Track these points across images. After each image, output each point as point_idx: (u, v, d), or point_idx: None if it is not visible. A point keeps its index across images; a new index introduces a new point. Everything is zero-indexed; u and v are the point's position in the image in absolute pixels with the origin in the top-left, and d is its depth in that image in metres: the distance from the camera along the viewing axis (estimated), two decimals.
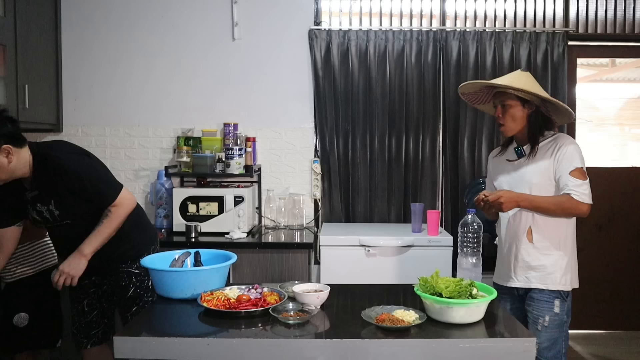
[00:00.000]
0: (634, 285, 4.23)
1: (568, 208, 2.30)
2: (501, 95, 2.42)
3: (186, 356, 1.70)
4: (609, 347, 4.03)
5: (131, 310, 2.57)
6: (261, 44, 3.94)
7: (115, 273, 2.55)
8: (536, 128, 2.40)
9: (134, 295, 2.55)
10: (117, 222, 2.42)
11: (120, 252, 2.52)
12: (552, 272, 2.36)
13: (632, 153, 4.52)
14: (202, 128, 3.89)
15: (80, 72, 3.94)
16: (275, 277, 3.31)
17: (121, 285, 2.55)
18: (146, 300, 2.57)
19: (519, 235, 2.42)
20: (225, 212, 3.50)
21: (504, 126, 2.43)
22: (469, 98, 2.66)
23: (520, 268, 2.42)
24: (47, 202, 2.38)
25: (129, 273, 2.54)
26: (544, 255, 2.38)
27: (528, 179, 2.40)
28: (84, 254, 2.37)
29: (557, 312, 2.36)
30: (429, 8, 3.96)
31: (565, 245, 2.39)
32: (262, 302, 1.96)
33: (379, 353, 1.70)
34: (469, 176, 3.91)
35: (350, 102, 3.87)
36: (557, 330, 2.37)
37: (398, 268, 3.34)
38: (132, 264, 2.55)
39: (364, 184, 3.91)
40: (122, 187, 2.46)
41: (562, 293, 2.37)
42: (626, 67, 4.55)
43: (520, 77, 2.42)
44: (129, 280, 2.54)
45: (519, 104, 2.38)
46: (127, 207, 2.45)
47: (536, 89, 2.36)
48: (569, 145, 2.35)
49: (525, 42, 3.86)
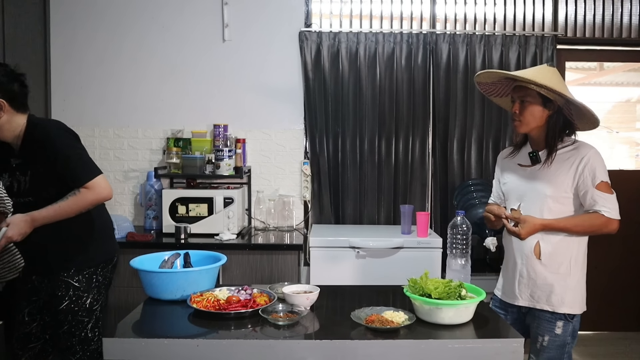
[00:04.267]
0: (621, 287, 4.28)
1: (598, 226, 2.10)
2: (521, 90, 2.16)
3: (176, 358, 1.70)
4: (594, 347, 4.06)
5: (62, 327, 2.36)
6: (251, 46, 3.94)
7: (54, 280, 2.36)
8: (556, 132, 2.16)
9: (66, 310, 2.35)
10: (81, 204, 2.26)
11: (69, 256, 2.37)
12: (559, 293, 2.16)
13: (620, 156, 4.56)
14: (192, 129, 3.88)
15: (69, 73, 3.91)
16: (265, 279, 3.31)
17: (56, 294, 2.36)
18: (80, 320, 2.37)
19: (525, 251, 2.21)
20: (215, 213, 3.49)
21: (519, 122, 2.18)
22: (485, 88, 2.39)
23: (525, 285, 2.23)
24: (25, 172, 2.29)
25: (68, 284, 2.35)
26: (552, 274, 2.17)
27: (541, 189, 2.17)
28: (32, 218, 2.20)
29: (559, 334, 2.17)
30: (419, 11, 3.97)
31: (576, 264, 2.18)
32: (251, 303, 1.96)
33: (368, 354, 1.70)
34: (459, 178, 3.93)
35: (340, 104, 3.87)
36: (557, 351, 2.18)
37: (387, 269, 3.34)
38: (74, 275, 2.36)
39: (354, 186, 3.91)
40: (101, 174, 2.32)
41: (566, 315, 2.17)
42: (614, 71, 4.59)
43: (546, 72, 2.15)
44: (66, 291, 2.35)
45: (540, 102, 2.13)
46: (99, 194, 2.29)
47: (562, 88, 2.10)
48: (593, 157, 2.12)
49: (515, 46, 3.89)
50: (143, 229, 3.73)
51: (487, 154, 3.93)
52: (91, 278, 2.41)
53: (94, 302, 2.41)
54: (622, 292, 4.29)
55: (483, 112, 3.90)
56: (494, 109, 3.88)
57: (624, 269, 4.28)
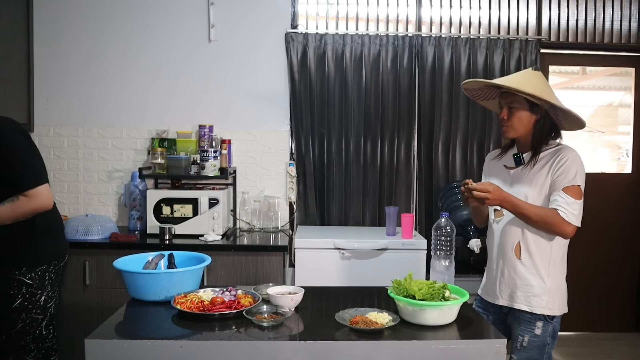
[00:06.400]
0: (604, 288, 4.33)
1: (551, 224, 2.10)
2: (508, 97, 2.19)
3: (159, 359, 1.69)
4: (576, 347, 4.11)
5: (15, 326, 2.33)
6: (237, 46, 3.93)
7: (5, 278, 2.32)
8: (542, 136, 2.19)
9: (20, 308, 2.32)
10: (18, 212, 2.23)
11: (20, 254, 2.33)
12: (538, 294, 2.18)
13: (602, 159, 4.62)
14: (177, 130, 3.86)
15: (52, 72, 3.88)
16: (250, 280, 3.30)
17: (8, 293, 2.31)
18: (35, 317, 2.35)
19: (506, 251, 2.25)
20: (199, 214, 3.48)
21: (508, 127, 2.21)
22: (472, 94, 2.43)
23: (505, 285, 2.26)
24: None
25: (20, 282, 2.32)
26: (532, 274, 2.19)
27: (523, 191, 2.20)
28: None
29: (538, 334, 2.19)
30: (405, 14, 3.99)
31: (555, 266, 2.20)
32: (236, 304, 1.95)
33: (352, 355, 1.71)
34: (443, 180, 3.95)
35: (326, 106, 3.88)
36: (537, 351, 2.21)
37: (372, 271, 3.35)
38: (26, 272, 2.33)
39: (339, 187, 3.92)
40: (46, 183, 2.29)
41: (546, 316, 2.19)
42: (597, 75, 4.65)
43: (532, 78, 2.18)
44: (19, 289, 2.32)
45: (527, 107, 2.16)
46: (39, 203, 2.25)
47: (548, 94, 2.13)
48: (570, 160, 2.14)
49: (499, 49, 3.92)
50: (127, 230, 3.70)
51: (472, 156, 3.96)
52: (44, 275, 2.39)
53: (48, 299, 2.40)
54: (605, 293, 4.35)
55: (468, 114, 3.93)
56: (478, 111, 3.91)
57: (607, 270, 4.34)
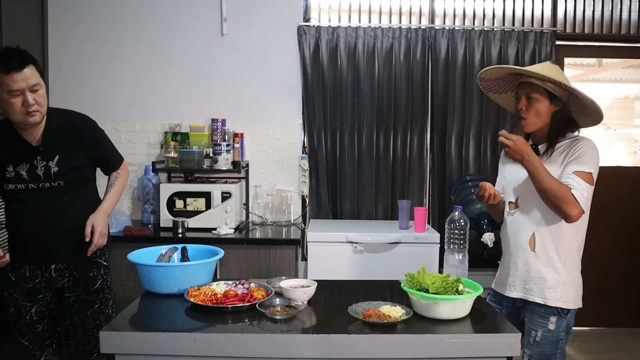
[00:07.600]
0: (618, 283, 4.29)
1: (561, 200, 2.02)
2: (527, 87, 2.15)
3: (173, 351, 1.70)
4: (589, 343, 4.08)
5: (93, 307, 2.44)
6: (250, 40, 3.93)
7: (84, 261, 2.42)
8: (559, 128, 2.16)
9: (99, 288, 2.46)
10: (124, 184, 2.56)
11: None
12: (552, 286, 2.14)
13: (617, 153, 4.57)
14: (190, 123, 3.87)
15: (67, 66, 3.90)
16: (262, 273, 3.31)
17: (88, 275, 2.44)
18: (107, 297, 2.50)
19: (521, 242, 2.21)
20: (212, 207, 3.49)
21: (526, 120, 2.17)
22: (486, 85, 2.38)
23: (519, 277, 2.22)
24: (49, 157, 2.30)
25: (98, 264, 2.47)
26: (546, 266, 2.15)
27: None
28: (106, 211, 2.41)
29: (552, 329, 2.15)
30: (418, 6, 3.97)
31: (570, 259, 2.16)
32: (249, 297, 1.96)
33: (365, 348, 1.70)
34: (457, 174, 3.93)
35: (338, 99, 3.87)
36: (550, 347, 2.16)
37: (385, 264, 3.35)
38: (101, 255, 2.48)
39: (352, 181, 3.91)
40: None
41: (560, 310, 2.14)
42: (613, 67, 4.59)
43: (552, 69, 2.14)
44: (97, 271, 2.47)
45: (547, 98, 2.13)
46: (128, 175, 2.62)
47: (569, 84, 2.11)
48: (586, 147, 2.10)
49: (514, 41, 3.88)
50: (140, 223, 3.73)
51: (485, 150, 3.93)
52: (108, 257, 2.56)
53: (112, 280, 2.58)
54: (618, 287, 4.31)
55: (481, 107, 3.90)
56: (492, 104, 3.88)
57: (623, 264, 4.29)
